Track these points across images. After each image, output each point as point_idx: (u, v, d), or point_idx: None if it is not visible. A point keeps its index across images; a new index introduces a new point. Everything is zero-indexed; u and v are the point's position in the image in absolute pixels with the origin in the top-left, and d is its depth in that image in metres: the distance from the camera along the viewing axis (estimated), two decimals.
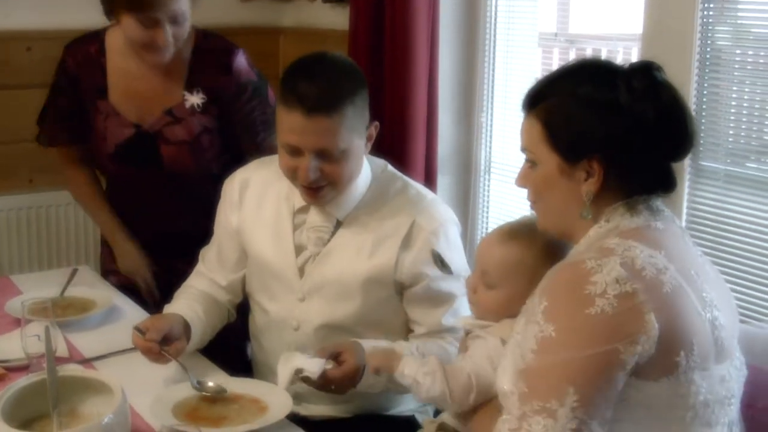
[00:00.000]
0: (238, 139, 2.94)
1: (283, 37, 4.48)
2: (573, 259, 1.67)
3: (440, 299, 2.33)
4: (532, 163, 1.79)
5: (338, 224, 2.37)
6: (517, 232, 1.94)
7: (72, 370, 2.07)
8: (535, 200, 1.83)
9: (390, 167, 2.49)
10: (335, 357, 2.15)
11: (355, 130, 2.25)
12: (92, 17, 3.98)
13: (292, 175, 2.28)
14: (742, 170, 2.69)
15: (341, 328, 2.35)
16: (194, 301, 2.48)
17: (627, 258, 1.59)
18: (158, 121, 2.87)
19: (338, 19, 3.89)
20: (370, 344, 2.22)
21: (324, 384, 2.12)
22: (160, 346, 2.21)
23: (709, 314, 1.64)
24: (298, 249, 2.39)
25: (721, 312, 1.67)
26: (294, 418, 2.17)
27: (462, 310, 2.32)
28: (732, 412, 1.70)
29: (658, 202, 1.76)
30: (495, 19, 3.57)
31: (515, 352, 1.66)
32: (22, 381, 1.90)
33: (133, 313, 2.70)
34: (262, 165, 2.55)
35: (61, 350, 2.30)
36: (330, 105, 2.17)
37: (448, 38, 3.55)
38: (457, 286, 2.32)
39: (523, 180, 1.83)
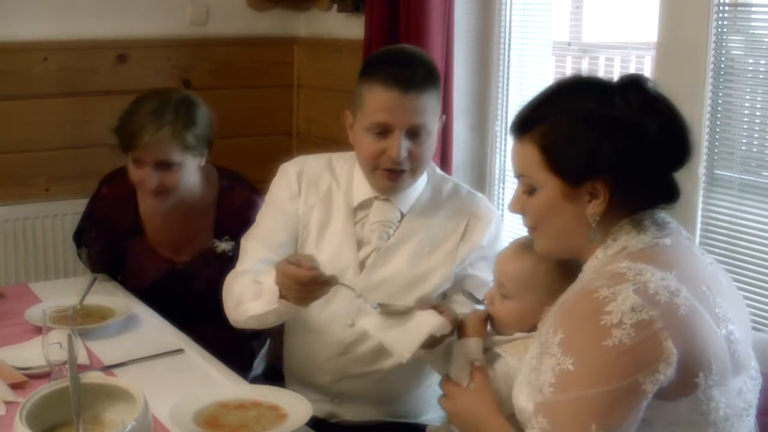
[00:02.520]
0: None
1: (298, 46, 4.50)
2: (585, 287, 1.62)
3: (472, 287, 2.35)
4: (529, 188, 1.76)
5: (401, 218, 2.42)
6: (529, 246, 1.94)
7: (94, 377, 2.08)
8: (535, 226, 1.79)
9: (438, 168, 2.58)
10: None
11: (436, 114, 2.37)
12: (108, 28, 4.05)
13: (376, 159, 2.34)
14: (756, 179, 2.69)
15: None
16: None
17: (639, 283, 1.56)
18: (191, 262, 3.00)
19: (353, 28, 3.91)
20: None
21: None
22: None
23: (724, 330, 1.62)
24: (359, 244, 2.43)
25: (736, 324, 1.65)
26: (327, 422, 2.21)
27: None
28: (750, 422, 1.69)
29: (663, 214, 1.74)
30: (509, 28, 3.59)
31: (530, 375, 1.66)
32: (44, 388, 1.91)
33: (152, 321, 2.72)
34: (308, 162, 2.56)
35: (82, 358, 2.32)
36: (423, 84, 2.31)
37: (462, 48, 3.56)
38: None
39: (518, 206, 1.81)
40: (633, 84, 1.71)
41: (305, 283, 2.12)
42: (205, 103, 2.98)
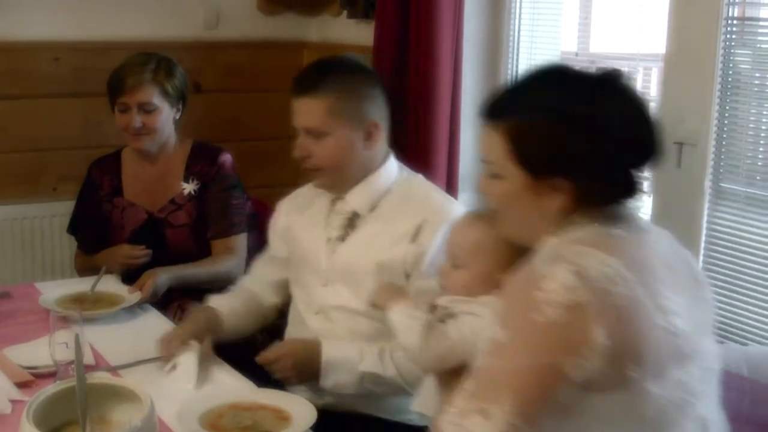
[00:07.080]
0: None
1: (308, 51, 4.51)
2: (529, 266, 1.63)
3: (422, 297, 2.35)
4: (493, 175, 1.75)
5: (359, 215, 2.50)
6: (480, 216, 1.97)
7: (100, 377, 2.09)
8: (497, 212, 1.79)
9: (410, 170, 2.61)
10: None
11: (343, 118, 2.42)
12: (120, 30, 4.07)
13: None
14: (762, 192, 2.69)
15: (357, 311, 2.44)
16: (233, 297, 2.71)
17: (579, 266, 1.54)
18: (165, 209, 3.31)
19: (363, 34, 3.92)
20: (333, 345, 2.38)
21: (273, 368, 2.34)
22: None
23: (665, 322, 1.57)
24: (329, 233, 2.53)
25: (683, 317, 1.60)
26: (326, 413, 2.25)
27: None
28: (696, 411, 1.64)
29: (628, 209, 1.72)
30: (518, 38, 3.61)
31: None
32: (51, 387, 1.91)
33: (157, 322, 2.73)
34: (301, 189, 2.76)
35: (87, 358, 2.32)
36: (311, 87, 2.42)
37: (471, 56, 3.58)
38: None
39: (485, 189, 1.80)
40: (608, 81, 1.70)
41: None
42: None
